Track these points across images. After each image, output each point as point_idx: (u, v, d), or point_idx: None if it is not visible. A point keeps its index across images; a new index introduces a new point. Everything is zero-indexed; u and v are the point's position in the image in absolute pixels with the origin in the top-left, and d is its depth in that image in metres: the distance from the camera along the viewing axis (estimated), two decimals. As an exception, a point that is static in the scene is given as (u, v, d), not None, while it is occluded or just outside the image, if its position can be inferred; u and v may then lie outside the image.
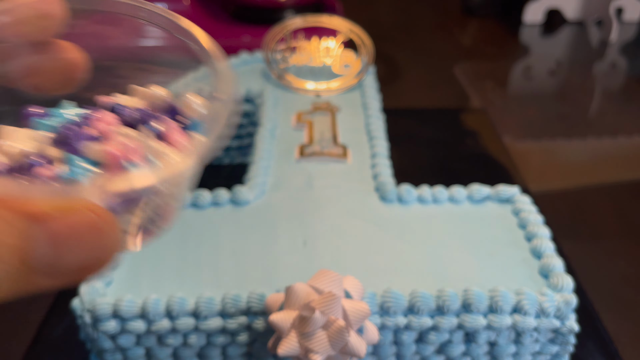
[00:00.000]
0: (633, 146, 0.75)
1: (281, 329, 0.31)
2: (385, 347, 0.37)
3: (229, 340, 0.36)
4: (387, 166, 0.48)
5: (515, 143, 0.75)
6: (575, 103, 0.86)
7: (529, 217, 0.42)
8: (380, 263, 0.39)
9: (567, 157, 0.73)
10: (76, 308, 0.35)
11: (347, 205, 0.44)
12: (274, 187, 0.46)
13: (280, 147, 0.52)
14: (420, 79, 0.94)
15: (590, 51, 1.03)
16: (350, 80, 0.62)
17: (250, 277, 0.37)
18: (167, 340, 0.36)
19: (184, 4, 0.91)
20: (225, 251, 0.39)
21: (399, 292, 0.35)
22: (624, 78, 0.94)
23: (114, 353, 0.36)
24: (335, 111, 0.57)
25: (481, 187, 0.45)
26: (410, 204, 0.44)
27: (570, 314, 0.36)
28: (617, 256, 0.55)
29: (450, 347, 0.37)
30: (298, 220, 0.42)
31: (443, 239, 0.41)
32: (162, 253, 0.39)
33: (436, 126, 0.76)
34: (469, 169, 0.66)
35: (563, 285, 0.36)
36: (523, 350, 0.37)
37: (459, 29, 1.15)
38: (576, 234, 0.58)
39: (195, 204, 0.43)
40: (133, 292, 0.36)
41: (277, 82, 0.63)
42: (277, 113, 0.57)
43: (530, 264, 0.39)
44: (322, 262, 0.38)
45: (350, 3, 1.25)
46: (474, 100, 0.86)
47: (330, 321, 0.31)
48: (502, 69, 0.97)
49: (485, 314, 0.35)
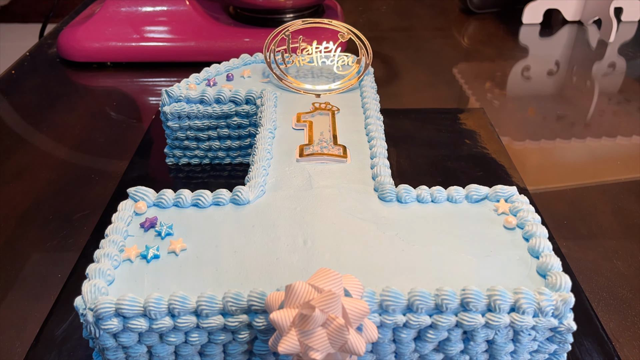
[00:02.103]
0: (631, 146, 0.75)
1: (281, 327, 0.32)
2: (384, 345, 0.37)
3: (229, 338, 0.36)
4: (387, 166, 0.49)
5: (514, 143, 0.75)
6: (574, 103, 0.87)
7: (527, 217, 0.42)
8: (379, 262, 0.39)
9: (566, 157, 0.74)
10: (78, 306, 0.35)
11: (346, 205, 0.44)
12: (274, 187, 0.46)
13: (280, 147, 0.52)
14: (419, 80, 0.94)
15: (590, 51, 1.04)
16: (350, 81, 0.62)
17: (250, 276, 0.38)
18: (169, 338, 0.36)
19: (184, 5, 0.91)
20: (226, 250, 0.40)
21: (398, 291, 0.35)
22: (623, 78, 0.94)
23: (116, 351, 0.37)
24: (335, 111, 0.58)
25: (479, 187, 0.45)
26: (409, 204, 0.44)
27: (568, 312, 0.36)
28: (615, 255, 0.56)
29: (449, 345, 0.37)
30: (298, 220, 0.43)
31: (442, 239, 0.41)
32: (163, 252, 0.40)
33: (435, 126, 0.76)
34: (467, 169, 0.67)
35: (561, 284, 0.36)
36: (521, 348, 0.37)
37: (458, 30, 1.15)
38: (574, 233, 0.59)
39: (196, 204, 0.44)
40: (135, 291, 0.36)
41: (277, 83, 0.63)
42: (277, 113, 0.57)
43: (528, 263, 0.39)
44: (321, 261, 0.39)
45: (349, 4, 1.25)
46: (472, 100, 0.87)
47: (329, 319, 0.31)
48: (501, 69, 0.98)
49: (483, 313, 0.36)
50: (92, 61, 0.94)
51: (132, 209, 0.43)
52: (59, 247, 0.57)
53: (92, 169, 0.70)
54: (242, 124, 0.62)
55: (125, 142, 0.74)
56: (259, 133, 0.53)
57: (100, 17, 0.91)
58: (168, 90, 0.60)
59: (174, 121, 0.62)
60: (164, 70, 0.93)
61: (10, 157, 0.73)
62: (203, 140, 0.64)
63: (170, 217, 0.43)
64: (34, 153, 0.74)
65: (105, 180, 0.67)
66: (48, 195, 0.65)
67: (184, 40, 0.91)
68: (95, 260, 0.38)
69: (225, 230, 0.42)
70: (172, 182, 0.65)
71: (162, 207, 0.44)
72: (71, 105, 0.86)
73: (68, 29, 0.95)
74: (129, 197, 0.44)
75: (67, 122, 0.81)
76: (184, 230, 0.41)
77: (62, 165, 0.71)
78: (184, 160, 0.66)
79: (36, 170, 0.70)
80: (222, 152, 0.65)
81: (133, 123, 0.80)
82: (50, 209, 0.62)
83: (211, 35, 0.91)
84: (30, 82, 0.92)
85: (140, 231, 0.41)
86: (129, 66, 0.94)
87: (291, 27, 0.61)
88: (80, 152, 0.74)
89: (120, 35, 0.91)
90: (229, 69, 0.67)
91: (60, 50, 0.95)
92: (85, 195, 0.65)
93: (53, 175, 0.69)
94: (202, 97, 0.60)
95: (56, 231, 0.59)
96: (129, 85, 0.91)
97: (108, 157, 0.73)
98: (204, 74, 0.65)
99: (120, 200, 0.43)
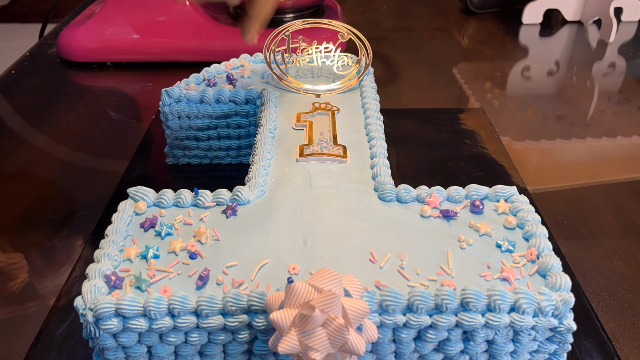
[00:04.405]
0: (631, 146, 0.75)
1: (281, 327, 0.32)
2: (384, 345, 0.37)
3: (229, 338, 0.36)
4: (387, 166, 0.49)
5: (514, 143, 0.75)
6: (574, 103, 0.87)
7: (527, 217, 0.42)
8: (379, 262, 0.39)
9: (566, 157, 0.74)
10: (78, 306, 0.35)
11: (346, 205, 0.44)
12: (274, 187, 0.46)
13: (280, 147, 0.52)
14: (419, 80, 0.94)
15: (590, 51, 1.04)
16: (350, 81, 0.62)
17: (250, 275, 0.38)
18: (169, 338, 0.36)
19: (184, 5, 0.91)
20: (226, 250, 0.40)
21: (397, 291, 0.35)
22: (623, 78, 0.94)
23: (116, 351, 0.37)
24: (335, 111, 0.58)
25: (479, 187, 0.45)
26: (409, 204, 0.44)
27: (568, 312, 0.36)
28: (614, 255, 0.56)
29: (449, 345, 0.37)
30: (298, 220, 0.43)
31: (441, 238, 0.41)
32: (163, 252, 0.40)
33: (435, 126, 0.76)
34: (467, 169, 0.67)
35: (561, 284, 0.36)
36: (521, 348, 0.37)
37: (458, 30, 1.15)
38: (574, 233, 0.59)
39: (196, 204, 0.44)
40: (134, 291, 0.36)
41: (277, 83, 0.63)
42: (277, 113, 0.57)
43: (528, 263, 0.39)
44: (321, 261, 0.39)
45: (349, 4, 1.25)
46: (472, 100, 0.87)
47: (329, 319, 0.31)
48: (501, 69, 0.98)
49: (483, 313, 0.36)
50: (92, 61, 0.94)
51: (132, 209, 0.43)
52: (59, 247, 0.57)
53: (92, 169, 0.70)
54: (242, 124, 0.62)
55: (125, 142, 0.74)
56: (259, 133, 0.53)
57: (100, 17, 0.91)
58: (168, 90, 0.60)
59: (174, 121, 0.62)
60: (164, 70, 0.93)
61: (10, 157, 0.73)
62: (203, 140, 0.64)
63: (170, 217, 0.43)
64: (34, 153, 0.74)
65: (105, 180, 0.67)
66: (48, 195, 0.65)
67: (184, 40, 0.91)
68: (95, 260, 0.38)
69: (224, 230, 0.41)
70: (172, 182, 0.65)
71: (162, 207, 0.44)
72: (71, 105, 0.86)
73: (68, 29, 0.95)
74: (129, 197, 0.44)
75: (67, 122, 0.81)
76: (184, 230, 0.41)
77: (62, 165, 0.71)
78: (184, 160, 0.66)
79: (36, 170, 0.70)
80: (222, 152, 0.65)
81: (133, 123, 0.80)
82: (50, 209, 0.62)
83: (211, 35, 0.91)
84: (30, 82, 0.92)
85: (140, 231, 0.41)
86: (129, 66, 0.94)
87: (291, 27, 0.61)
88: (80, 152, 0.74)
89: (120, 35, 0.91)
90: (229, 69, 0.67)
91: (60, 50, 0.95)
92: (85, 195, 0.65)
93: (53, 175, 0.69)
94: (202, 97, 0.60)
95: (56, 231, 0.59)
96: (129, 85, 0.91)
97: (108, 157, 0.73)
98: (204, 74, 0.65)
99: (120, 200, 0.43)
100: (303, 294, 0.32)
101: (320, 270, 0.33)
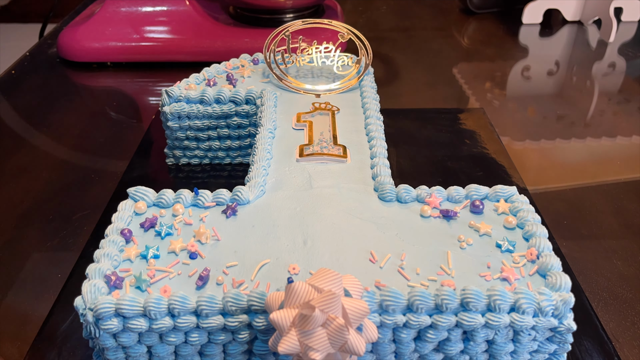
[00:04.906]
0: (631, 146, 0.75)
1: (281, 327, 0.32)
2: (384, 345, 0.37)
3: (229, 338, 0.36)
4: (387, 166, 0.49)
5: (514, 143, 0.75)
6: (574, 103, 0.87)
7: (527, 217, 0.42)
8: (379, 262, 0.39)
9: (566, 157, 0.74)
10: (78, 306, 0.35)
11: (346, 205, 0.44)
12: (274, 187, 0.46)
13: (280, 147, 0.52)
14: (419, 80, 0.94)
15: (590, 51, 1.04)
16: (350, 81, 0.62)
17: (250, 275, 0.38)
18: (169, 338, 0.36)
19: (184, 5, 0.91)
20: (226, 250, 0.40)
21: (398, 291, 0.35)
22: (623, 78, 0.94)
23: (116, 351, 0.37)
24: (335, 111, 0.58)
25: (479, 187, 0.45)
26: (409, 204, 0.44)
27: (568, 312, 0.36)
28: (614, 255, 0.56)
29: (449, 345, 0.37)
30: (298, 219, 0.43)
31: (441, 238, 0.41)
32: (163, 252, 0.40)
33: (435, 126, 0.76)
34: (467, 169, 0.67)
35: (561, 284, 0.36)
36: (521, 348, 0.37)
37: (458, 30, 1.15)
38: (574, 233, 0.59)
39: (196, 204, 0.44)
40: (134, 291, 0.36)
41: (277, 83, 0.63)
42: (277, 113, 0.57)
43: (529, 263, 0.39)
44: (321, 261, 0.39)
45: (349, 4, 1.25)
46: (472, 100, 0.87)
47: (329, 319, 0.31)
48: (501, 69, 0.98)
49: (483, 313, 0.36)
50: (92, 61, 0.94)
51: (132, 209, 0.43)
52: (59, 247, 0.57)
53: (92, 169, 0.70)
54: (242, 124, 0.62)
55: (125, 142, 0.74)
56: (259, 133, 0.53)
57: (100, 17, 0.91)
58: (168, 90, 0.60)
59: (174, 121, 0.62)
60: (164, 70, 0.93)
61: (10, 157, 0.73)
62: (203, 140, 0.64)
63: (170, 217, 0.43)
64: (34, 153, 0.74)
65: (105, 180, 0.67)
66: (48, 195, 0.65)
67: (184, 40, 0.91)
68: (95, 260, 0.38)
69: (224, 230, 0.42)
70: (172, 182, 0.65)
71: (162, 207, 0.44)
72: (71, 105, 0.86)
73: (68, 29, 0.95)
74: (129, 197, 0.44)
75: (67, 122, 0.81)
76: (184, 230, 0.41)
77: (62, 165, 0.71)
78: (184, 160, 0.66)
79: (36, 170, 0.70)
80: (222, 152, 0.65)
81: (133, 123, 0.80)
82: (50, 209, 0.62)
83: (211, 35, 0.91)
84: (30, 82, 0.92)
85: (140, 231, 0.41)
86: (129, 66, 0.94)
87: (291, 28, 0.61)
88: (80, 152, 0.74)
89: (120, 35, 0.91)
90: (229, 69, 0.67)
91: (60, 50, 0.95)
92: (85, 195, 0.65)
93: (53, 175, 0.69)
94: (202, 97, 0.60)
95: (56, 231, 0.59)
96: (129, 85, 0.91)
97: (108, 157, 0.73)
98: (204, 74, 0.65)
99: (120, 200, 0.43)
100: (303, 294, 0.32)
101: (320, 270, 0.33)
